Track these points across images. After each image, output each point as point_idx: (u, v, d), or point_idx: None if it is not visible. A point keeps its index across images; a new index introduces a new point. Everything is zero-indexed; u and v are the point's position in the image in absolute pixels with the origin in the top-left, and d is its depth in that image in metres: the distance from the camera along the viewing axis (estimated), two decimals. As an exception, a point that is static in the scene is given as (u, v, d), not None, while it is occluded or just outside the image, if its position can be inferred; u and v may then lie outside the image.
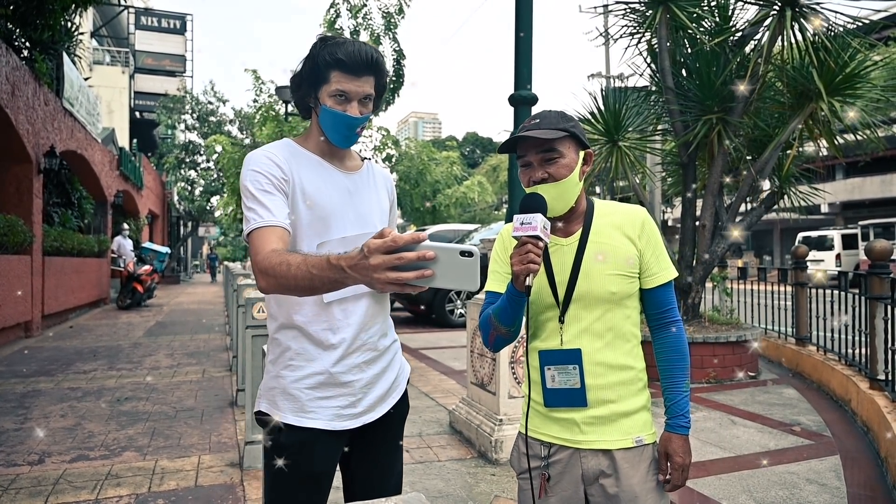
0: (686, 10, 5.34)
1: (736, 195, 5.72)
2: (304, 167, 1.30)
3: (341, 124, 1.29)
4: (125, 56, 23.14)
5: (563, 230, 1.32)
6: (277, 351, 1.32)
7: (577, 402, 1.27)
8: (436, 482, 2.97)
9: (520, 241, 1.16)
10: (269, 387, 1.32)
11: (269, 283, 1.11)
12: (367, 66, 1.27)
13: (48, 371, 5.78)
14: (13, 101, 7.40)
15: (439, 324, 9.08)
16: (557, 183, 1.25)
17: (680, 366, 1.32)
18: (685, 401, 1.30)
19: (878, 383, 3.83)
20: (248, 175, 1.26)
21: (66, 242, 9.65)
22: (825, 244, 20.21)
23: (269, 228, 1.19)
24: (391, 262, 0.89)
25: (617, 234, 1.30)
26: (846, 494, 2.85)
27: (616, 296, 1.28)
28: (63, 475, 3.06)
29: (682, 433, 1.29)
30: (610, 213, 1.34)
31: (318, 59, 1.27)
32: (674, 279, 1.34)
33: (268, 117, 16.05)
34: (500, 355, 3.32)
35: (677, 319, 1.34)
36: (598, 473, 1.27)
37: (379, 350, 1.36)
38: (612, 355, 1.28)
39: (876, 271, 3.86)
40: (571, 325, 1.29)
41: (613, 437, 1.27)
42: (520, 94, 3.59)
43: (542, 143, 1.25)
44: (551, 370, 1.29)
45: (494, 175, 31.69)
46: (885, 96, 5.26)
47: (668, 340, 1.33)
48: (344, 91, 1.26)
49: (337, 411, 1.29)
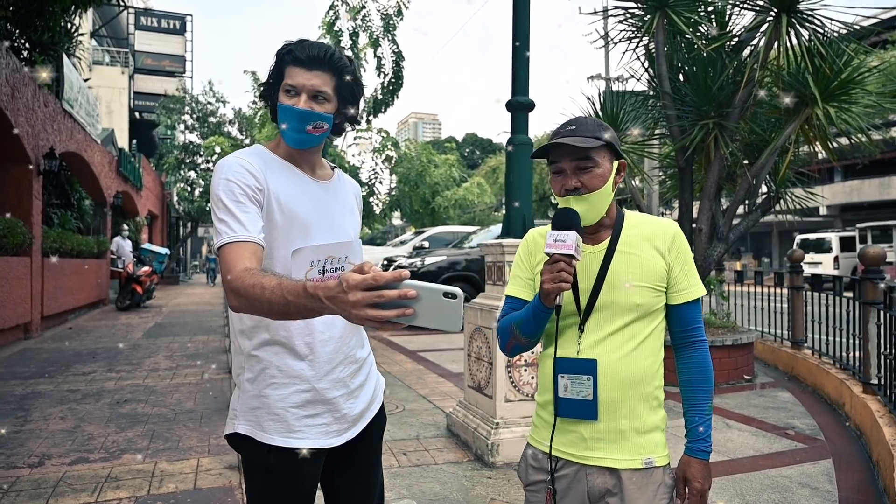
0: (683, 16, 5.38)
1: (732, 199, 5.76)
2: (277, 174, 1.27)
3: (290, 118, 1.24)
4: (125, 56, 23.16)
5: (591, 238, 1.29)
6: (257, 368, 1.27)
7: (588, 415, 1.24)
8: (432, 485, 3.00)
9: (552, 258, 1.14)
10: (251, 407, 1.27)
11: (241, 303, 1.07)
12: (318, 60, 1.24)
13: (47, 373, 5.80)
14: (13, 102, 7.43)
15: (437, 326, 9.09)
16: (590, 195, 1.22)
17: (703, 388, 1.28)
18: (707, 424, 1.26)
19: (871, 387, 3.86)
20: (220, 184, 1.20)
21: (65, 244, 9.67)
22: (823, 247, 20.27)
23: (242, 244, 1.14)
24: (371, 299, 0.86)
25: (646, 245, 1.27)
26: (837, 498, 2.88)
27: (640, 308, 1.24)
28: (63, 477, 3.09)
29: (702, 458, 1.25)
30: (640, 224, 1.31)
31: (277, 58, 1.28)
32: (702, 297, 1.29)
33: (267, 119, 16.07)
34: (497, 359, 3.35)
35: (703, 339, 1.30)
36: (603, 492, 1.24)
37: (358, 361, 1.36)
38: (630, 369, 1.24)
39: (869, 276, 3.90)
40: (590, 334, 1.26)
41: (621, 455, 1.23)
42: (517, 101, 3.63)
43: (576, 151, 1.22)
44: (565, 379, 1.26)
45: (494, 176, 31.72)
46: (880, 102, 5.29)
47: (692, 361, 1.29)
48: (293, 84, 1.24)
49: (324, 429, 1.28)
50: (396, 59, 13.09)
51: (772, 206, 5.97)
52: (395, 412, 4.34)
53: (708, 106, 5.37)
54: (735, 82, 5.39)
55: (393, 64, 13.09)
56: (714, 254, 5.62)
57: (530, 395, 3.39)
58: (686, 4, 5.40)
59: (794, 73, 5.08)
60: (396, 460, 3.34)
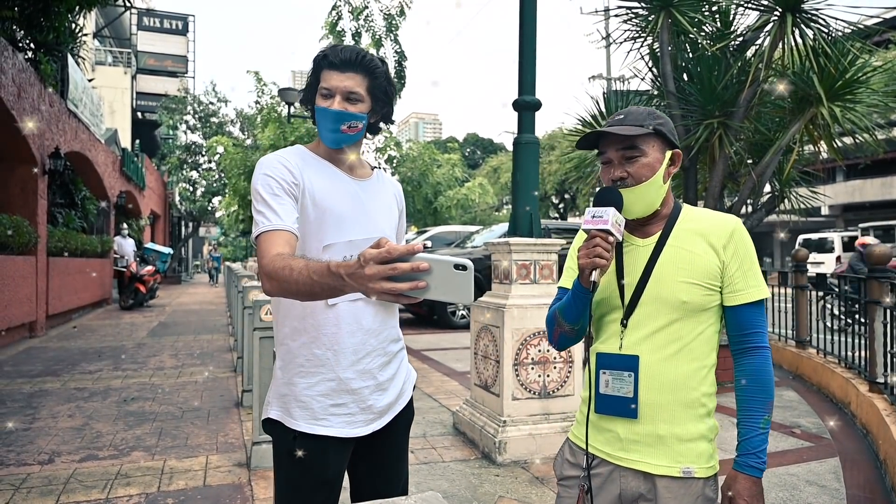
0: (688, 15, 5.39)
1: (737, 199, 5.77)
2: (314, 171, 1.33)
3: (325, 118, 1.31)
4: (127, 57, 23.22)
5: (641, 231, 1.25)
6: (288, 357, 1.33)
7: (627, 413, 1.19)
8: (440, 482, 3.01)
9: (589, 234, 1.12)
10: (281, 394, 1.32)
11: (273, 286, 1.13)
12: (350, 62, 1.30)
13: (54, 371, 5.82)
14: (19, 102, 7.46)
15: (441, 325, 9.12)
16: (637, 186, 1.18)
17: (759, 398, 1.19)
18: (761, 439, 1.17)
19: (877, 386, 3.87)
20: (259, 179, 1.27)
21: (69, 243, 9.70)
22: (825, 246, 20.24)
23: (277, 232, 1.20)
24: (385, 272, 0.89)
25: (699, 240, 1.20)
26: (845, 496, 2.89)
27: (687, 306, 1.17)
28: (73, 474, 3.11)
29: (752, 474, 1.16)
30: (697, 218, 1.24)
31: (314, 63, 1.33)
32: (764, 300, 1.21)
33: (270, 119, 16.11)
34: (504, 358, 3.36)
35: (763, 346, 1.20)
36: (636, 496, 1.19)
37: (388, 355, 1.38)
38: (674, 371, 1.18)
39: (875, 275, 3.90)
40: (634, 330, 1.21)
41: (658, 461, 1.17)
42: (524, 100, 3.64)
43: (623, 140, 1.18)
44: (606, 374, 1.22)
45: (495, 176, 31.72)
46: (885, 101, 5.30)
47: (748, 369, 1.21)
48: (328, 87, 1.30)
49: (349, 418, 1.31)
50: (399, 59, 13.11)
51: (776, 205, 5.98)
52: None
53: (713, 105, 5.38)
54: (740, 82, 5.39)
55: (395, 64, 13.11)
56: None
57: (537, 394, 3.41)
58: (690, 4, 5.41)
59: (799, 73, 5.09)
60: (404, 458, 3.36)
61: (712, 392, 1.22)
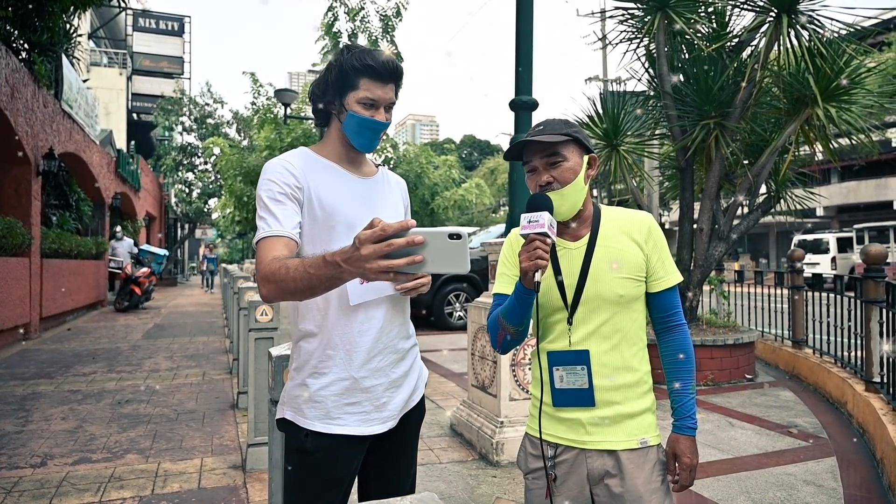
0: (684, 16, 5.40)
1: (733, 199, 5.78)
2: (319, 174, 1.33)
3: (368, 129, 1.32)
4: (123, 58, 23.12)
5: (571, 234, 1.35)
6: (302, 359, 1.33)
7: (586, 402, 1.30)
8: (437, 484, 2.99)
9: (527, 238, 1.19)
10: (294, 395, 1.33)
11: (270, 289, 1.14)
12: (393, 74, 1.32)
13: (48, 374, 5.77)
14: (13, 102, 7.41)
15: (438, 326, 9.10)
16: (563, 189, 1.29)
17: (686, 368, 1.34)
18: (691, 403, 1.33)
19: (873, 386, 3.87)
20: (262, 184, 1.29)
21: (63, 244, 9.64)
22: (820, 247, 20.34)
23: (276, 238, 1.22)
24: (381, 250, 0.91)
25: (625, 238, 1.33)
26: (843, 496, 2.89)
27: (623, 298, 1.30)
28: (66, 478, 3.08)
29: (689, 434, 1.32)
30: (617, 217, 1.37)
31: (347, 66, 1.30)
32: (679, 283, 1.36)
33: (266, 120, 16.08)
34: (501, 358, 3.35)
35: (683, 323, 1.37)
36: (603, 474, 1.30)
37: (400, 352, 1.38)
38: (620, 357, 1.31)
39: (871, 275, 3.91)
40: (580, 327, 1.31)
41: (619, 437, 1.30)
42: (521, 100, 3.63)
43: (546, 148, 1.29)
44: (560, 371, 1.32)
45: (492, 178, 31.77)
46: (880, 102, 5.32)
47: (673, 343, 1.36)
48: (373, 98, 1.30)
49: (363, 416, 1.31)
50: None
51: (772, 205, 5.99)
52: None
53: (709, 106, 5.39)
54: (736, 83, 5.41)
55: (392, 65, 13.10)
56: (715, 253, 5.63)
57: (535, 394, 3.39)
58: (686, 5, 5.42)
59: (795, 74, 5.10)
60: (401, 459, 3.34)
61: (649, 369, 1.35)
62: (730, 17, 5.68)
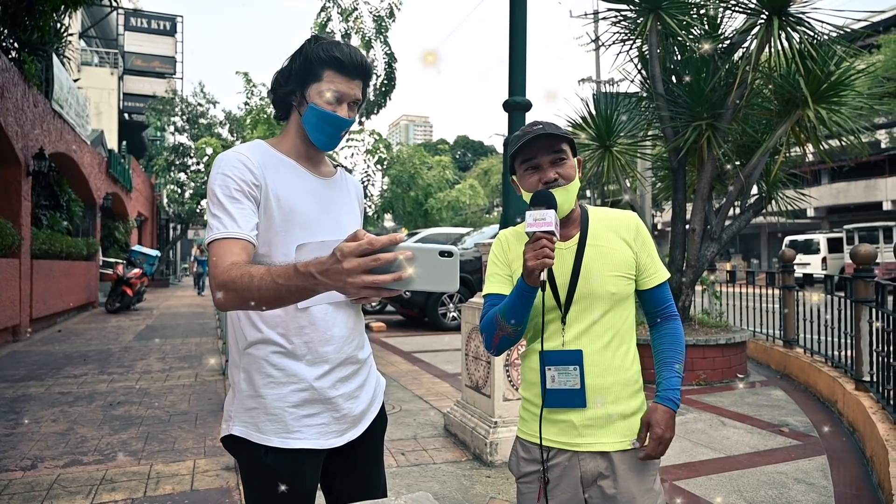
0: (676, 18, 5.42)
1: (725, 200, 5.82)
2: (277, 171, 1.24)
3: (329, 124, 1.25)
4: (114, 57, 22.95)
5: (561, 234, 1.34)
6: (254, 368, 1.24)
7: (576, 403, 1.29)
8: (431, 484, 2.99)
9: (533, 236, 1.18)
10: (248, 407, 1.24)
11: (229, 297, 1.05)
12: (360, 70, 1.25)
13: (38, 375, 5.72)
14: (2, 102, 7.34)
15: (432, 327, 9.10)
16: (568, 185, 1.30)
17: (676, 350, 1.35)
18: (676, 380, 1.33)
19: (863, 385, 3.91)
20: (216, 178, 1.19)
21: (54, 245, 9.56)
22: (811, 248, 20.51)
23: (232, 240, 1.13)
24: (367, 264, 0.84)
25: (613, 237, 1.34)
26: (833, 494, 2.91)
27: (615, 296, 1.31)
28: (57, 480, 3.05)
29: (668, 406, 1.30)
30: (604, 217, 1.38)
31: (312, 56, 1.23)
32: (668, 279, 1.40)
33: (259, 120, 16.01)
34: (494, 359, 3.36)
35: (676, 314, 1.39)
36: (596, 475, 1.30)
37: (359, 362, 1.33)
38: (612, 356, 1.31)
39: (861, 275, 3.95)
40: (573, 326, 1.32)
41: (611, 438, 1.30)
42: (514, 101, 3.64)
43: (552, 145, 1.30)
44: (552, 371, 1.31)
45: (486, 178, 31.81)
46: (869, 104, 5.37)
47: (666, 331, 1.38)
48: (338, 92, 1.23)
49: (322, 429, 1.25)
50: (389, 60, 13.09)
51: (764, 206, 6.04)
52: (391, 412, 4.33)
53: (701, 107, 5.42)
54: (727, 84, 5.44)
55: (385, 66, 13.09)
56: (707, 253, 5.66)
57: (528, 394, 3.40)
58: (679, 7, 5.45)
59: (786, 75, 5.15)
60: (395, 460, 3.34)
61: (639, 369, 1.37)
62: (721, 19, 5.72)
